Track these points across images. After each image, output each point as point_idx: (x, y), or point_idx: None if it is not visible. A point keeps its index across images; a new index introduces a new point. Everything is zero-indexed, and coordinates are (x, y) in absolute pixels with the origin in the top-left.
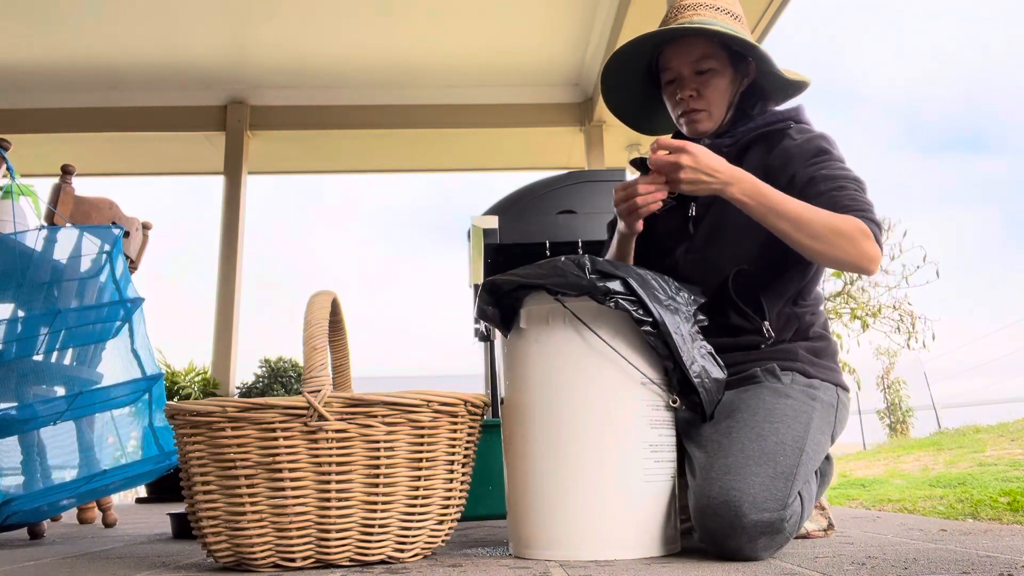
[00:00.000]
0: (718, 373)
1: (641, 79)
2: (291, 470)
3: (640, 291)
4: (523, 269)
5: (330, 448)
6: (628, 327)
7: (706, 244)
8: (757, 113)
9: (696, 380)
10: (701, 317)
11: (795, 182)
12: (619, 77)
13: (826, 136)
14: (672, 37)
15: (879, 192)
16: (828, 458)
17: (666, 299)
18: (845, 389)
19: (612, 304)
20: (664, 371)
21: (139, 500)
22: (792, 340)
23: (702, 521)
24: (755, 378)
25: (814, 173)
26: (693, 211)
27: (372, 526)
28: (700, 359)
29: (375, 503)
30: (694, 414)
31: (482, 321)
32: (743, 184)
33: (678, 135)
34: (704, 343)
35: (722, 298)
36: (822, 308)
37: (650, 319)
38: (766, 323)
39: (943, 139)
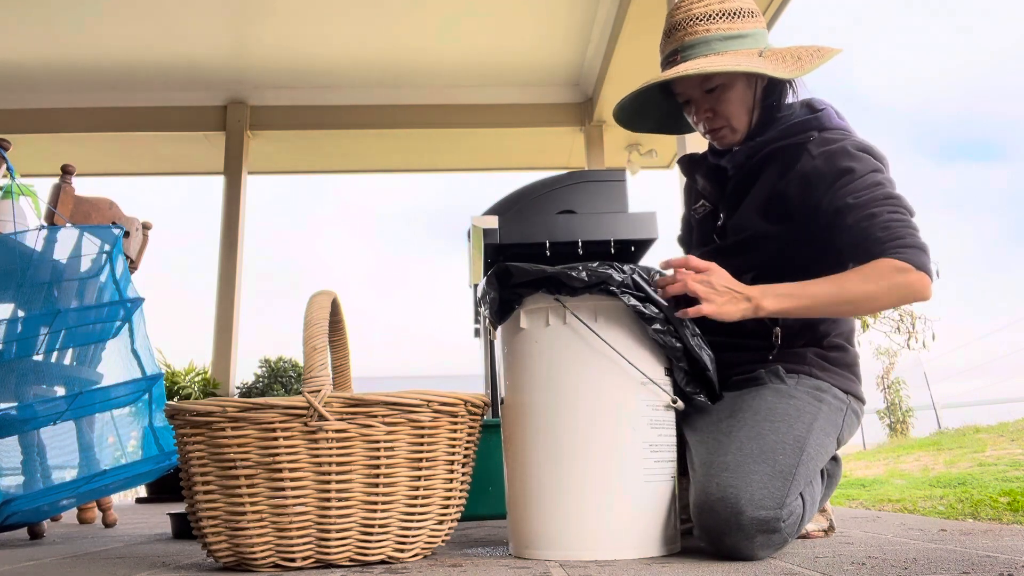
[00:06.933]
0: (710, 353)
1: (656, 97)
2: (291, 470)
3: (647, 287)
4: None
5: (330, 448)
6: (628, 327)
7: (729, 252)
8: (784, 108)
9: (705, 363)
10: None
11: (821, 212)
12: (634, 108)
13: (849, 148)
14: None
15: None
16: (836, 459)
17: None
18: (858, 399)
19: (626, 297)
20: (666, 369)
21: (139, 500)
22: (804, 346)
23: (700, 517)
24: (759, 379)
25: (839, 203)
26: (721, 220)
27: (372, 526)
28: (700, 344)
29: (375, 503)
30: (706, 400)
31: (481, 305)
32: (769, 292)
33: (711, 147)
34: (696, 328)
35: None
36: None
37: (661, 315)
38: (777, 328)
39: (951, 145)
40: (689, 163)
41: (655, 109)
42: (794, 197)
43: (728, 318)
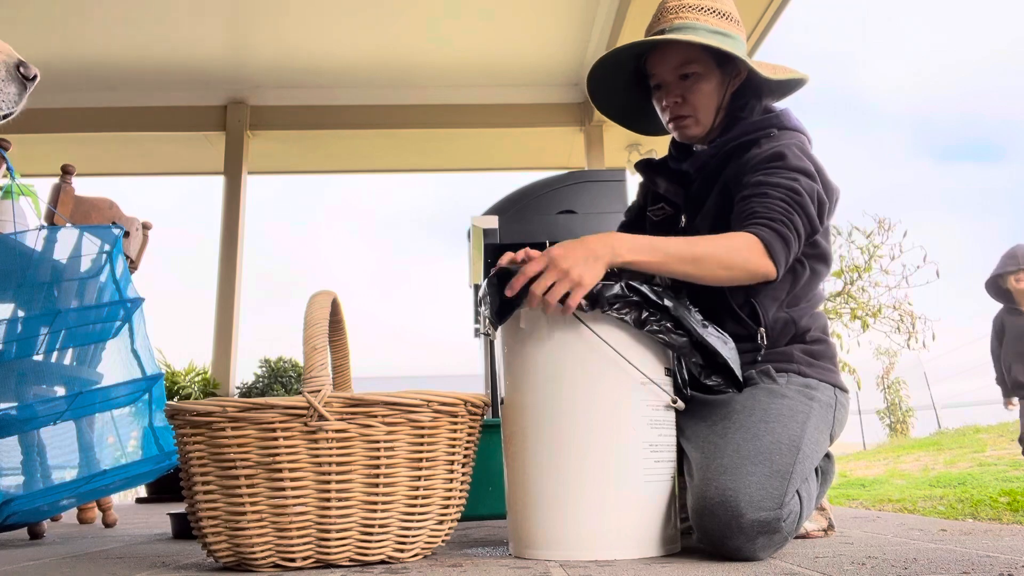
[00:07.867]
0: (731, 342)
1: (628, 84)
2: (291, 470)
3: (642, 288)
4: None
5: (330, 448)
6: (628, 327)
7: None
8: (747, 115)
9: (717, 349)
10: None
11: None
12: (605, 84)
13: (795, 148)
14: (653, 45)
15: (886, 198)
16: (829, 456)
17: (662, 290)
18: (844, 390)
19: (614, 312)
20: (666, 369)
21: (139, 500)
22: (788, 344)
23: (700, 522)
24: (751, 380)
25: (752, 178)
26: (683, 222)
27: (372, 526)
28: (714, 336)
29: (375, 503)
30: (728, 390)
31: (481, 305)
32: (627, 241)
33: (673, 140)
34: (706, 321)
35: (718, 305)
36: (820, 310)
37: (657, 315)
38: (761, 329)
39: (951, 146)
40: (647, 167)
41: (625, 95)
42: (731, 181)
43: (597, 278)
